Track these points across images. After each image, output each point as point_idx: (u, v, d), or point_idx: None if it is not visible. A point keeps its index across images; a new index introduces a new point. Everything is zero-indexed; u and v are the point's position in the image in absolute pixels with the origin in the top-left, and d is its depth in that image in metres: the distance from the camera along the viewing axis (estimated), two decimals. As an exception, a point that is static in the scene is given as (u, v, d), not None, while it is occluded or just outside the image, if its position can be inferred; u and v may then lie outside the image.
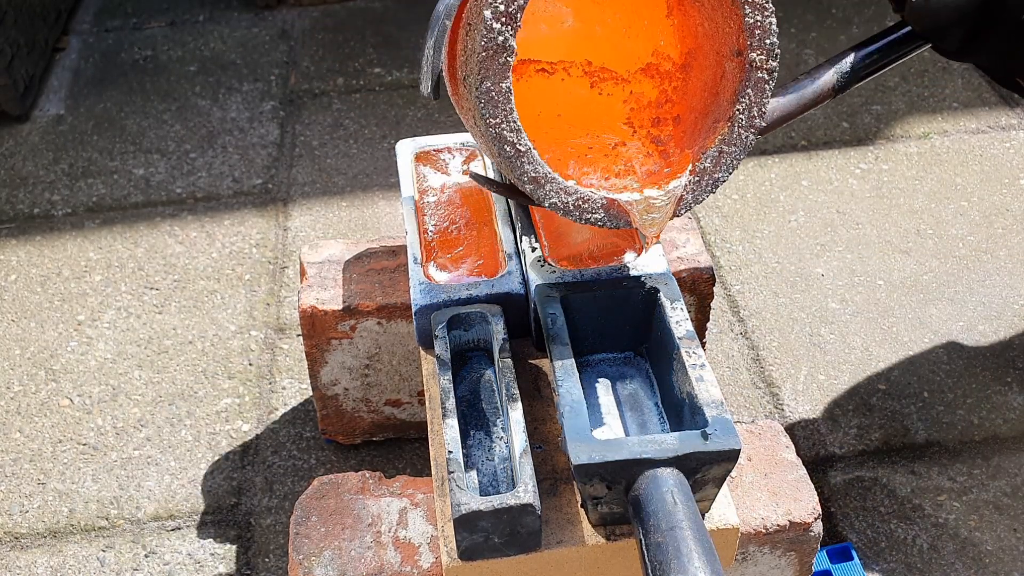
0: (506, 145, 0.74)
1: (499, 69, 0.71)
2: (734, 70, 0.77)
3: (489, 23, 0.69)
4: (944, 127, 1.72)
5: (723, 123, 0.79)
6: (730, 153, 0.79)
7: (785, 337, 1.35)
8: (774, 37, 0.75)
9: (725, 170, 0.80)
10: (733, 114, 0.78)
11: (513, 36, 0.70)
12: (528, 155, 0.74)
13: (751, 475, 0.87)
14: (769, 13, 0.74)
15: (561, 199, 0.77)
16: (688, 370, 0.77)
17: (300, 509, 0.86)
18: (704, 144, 0.79)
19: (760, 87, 0.77)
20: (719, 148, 0.79)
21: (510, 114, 0.73)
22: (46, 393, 1.29)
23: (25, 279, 1.47)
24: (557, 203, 0.77)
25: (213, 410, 1.27)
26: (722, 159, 0.79)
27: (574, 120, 0.85)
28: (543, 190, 0.76)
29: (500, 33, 0.70)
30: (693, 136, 0.81)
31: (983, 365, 1.30)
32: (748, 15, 0.74)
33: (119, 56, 1.98)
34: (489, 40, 0.70)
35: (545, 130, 0.83)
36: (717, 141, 0.79)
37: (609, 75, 0.86)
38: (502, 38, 0.70)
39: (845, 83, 0.86)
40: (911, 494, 1.15)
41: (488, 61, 0.70)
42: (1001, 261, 1.45)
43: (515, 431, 0.76)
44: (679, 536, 0.66)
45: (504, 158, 0.74)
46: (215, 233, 1.54)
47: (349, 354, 1.10)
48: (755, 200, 1.58)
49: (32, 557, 1.11)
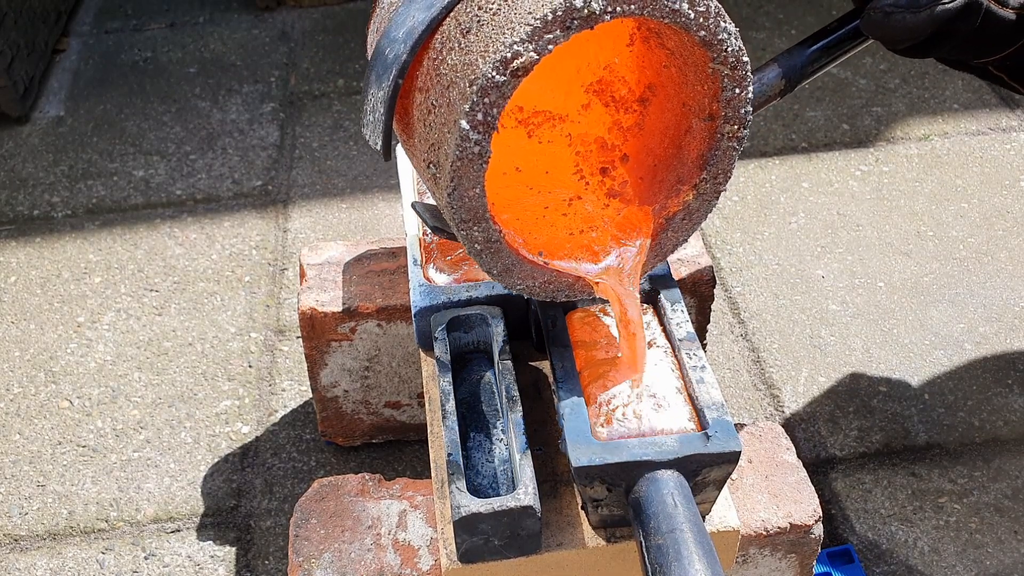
0: (476, 243, 0.71)
1: (473, 175, 0.66)
2: (703, 132, 0.73)
3: (466, 133, 0.63)
4: (945, 129, 1.72)
5: (688, 189, 0.75)
6: (693, 218, 0.77)
7: (786, 339, 1.35)
8: (748, 106, 0.71)
9: (686, 235, 0.77)
10: (699, 182, 0.75)
11: (489, 142, 0.64)
12: (497, 248, 0.72)
13: (752, 477, 0.86)
14: (747, 84, 0.70)
15: (528, 283, 0.75)
16: (688, 372, 0.77)
17: (300, 511, 0.86)
18: (666, 205, 0.76)
19: (728, 155, 0.74)
20: (684, 214, 0.76)
21: (483, 218, 0.69)
22: (46, 395, 1.29)
23: (25, 281, 1.47)
24: (525, 287, 0.75)
25: (213, 412, 1.26)
26: (684, 224, 0.77)
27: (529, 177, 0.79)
28: (512, 278, 0.74)
29: (477, 143, 0.64)
30: (652, 188, 0.77)
31: (984, 367, 1.30)
32: (726, 88, 0.70)
33: (119, 58, 1.98)
34: (464, 150, 0.64)
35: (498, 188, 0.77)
36: (682, 207, 0.76)
37: (543, 117, 0.78)
38: (478, 148, 0.64)
39: (793, 83, 0.83)
40: (912, 496, 1.15)
41: (462, 169, 0.65)
42: (1002, 263, 1.45)
43: (515, 433, 0.75)
44: (679, 538, 0.66)
45: (476, 254, 0.71)
46: (215, 235, 1.54)
47: (349, 356, 1.10)
48: (755, 202, 1.58)
49: (31, 559, 1.11)
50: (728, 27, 0.66)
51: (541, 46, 0.62)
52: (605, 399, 0.75)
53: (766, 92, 0.83)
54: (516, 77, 0.62)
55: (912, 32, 0.77)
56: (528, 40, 0.61)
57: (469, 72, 0.63)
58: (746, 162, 1.66)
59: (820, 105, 1.77)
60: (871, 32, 0.80)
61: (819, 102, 1.78)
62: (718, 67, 0.68)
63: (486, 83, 0.62)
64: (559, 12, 0.61)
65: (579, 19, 0.62)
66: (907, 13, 0.76)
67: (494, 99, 0.63)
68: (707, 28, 0.66)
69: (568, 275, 0.76)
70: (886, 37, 0.79)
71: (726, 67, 0.68)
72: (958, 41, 0.79)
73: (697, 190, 0.75)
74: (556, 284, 0.77)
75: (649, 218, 0.77)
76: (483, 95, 0.62)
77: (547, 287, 0.77)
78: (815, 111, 1.76)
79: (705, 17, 0.65)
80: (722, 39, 0.67)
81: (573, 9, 0.61)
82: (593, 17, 0.62)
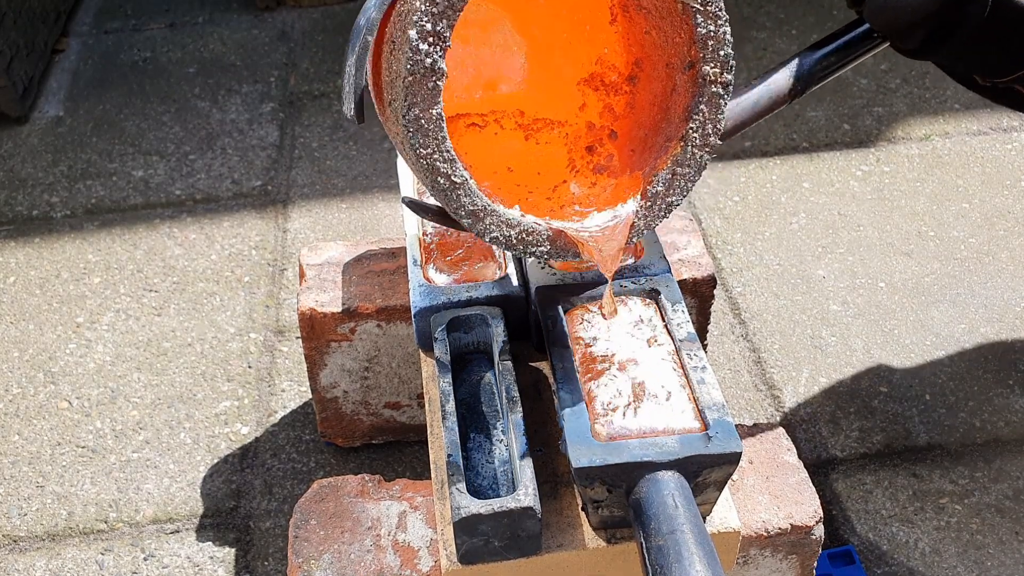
0: (439, 177, 0.68)
1: (428, 94, 0.64)
2: (686, 84, 0.72)
3: (415, 44, 0.63)
4: (945, 129, 1.72)
5: (675, 142, 0.73)
6: (684, 175, 0.74)
7: (786, 339, 1.35)
8: (728, 48, 0.70)
9: (679, 193, 0.74)
10: (686, 133, 0.72)
11: (442, 57, 0.64)
12: (464, 187, 0.69)
13: (752, 478, 0.86)
14: (723, 22, 0.69)
15: (503, 232, 0.71)
16: (689, 372, 0.77)
17: (299, 512, 0.85)
18: (655, 165, 0.74)
19: (714, 102, 0.72)
20: (672, 170, 0.74)
21: (442, 143, 0.67)
22: (45, 395, 1.29)
23: (24, 281, 1.47)
24: (499, 237, 0.71)
25: (212, 413, 1.26)
26: (675, 181, 0.74)
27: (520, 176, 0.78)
28: (483, 224, 0.70)
29: (427, 55, 0.63)
30: (643, 155, 0.76)
31: (985, 368, 1.29)
32: (700, 25, 0.69)
33: (118, 58, 1.98)
34: (415, 63, 0.63)
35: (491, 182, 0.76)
36: (670, 163, 0.73)
37: (543, 123, 0.78)
38: (430, 60, 0.63)
39: (802, 88, 0.81)
40: (913, 497, 1.15)
41: (415, 86, 0.64)
42: (1003, 263, 1.45)
43: (515, 434, 0.75)
44: (680, 539, 0.66)
45: (439, 190, 0.68)
46: (214, 235, 1.54)
47: (348, 356, 1.10)
48: (756, 202, 1.58)
49: (31, 560, 1.10)
50: None
51: None
52: (606, 399, 0.75)
53: (775, 94, 0.82)
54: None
55: (914, 16, 0.73)
56: None
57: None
58: (747, 162, 1.66)
59: (821, 105, 1.77)
60: (875, 21, 0.77)
61: (820, 102, 1.78)
62: (687, 2, 0.68)
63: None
64: None
65: None
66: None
67: (442, 8, 0.63)
68: None
69: (548, 228, 0.73)
70: (891, 23, 0.75)
71: (696, 2, 0.68)
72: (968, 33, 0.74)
73: (684, 140, 0.73)
74: (534, 237, 0.72)
75: (639, 181, 0.75)
76: (431, 4, 0.62)
77: (524, 239, 0.72)
78: (816, 111, 1.76)
79: None
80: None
81: None
82: None
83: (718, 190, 1.60)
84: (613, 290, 0.84)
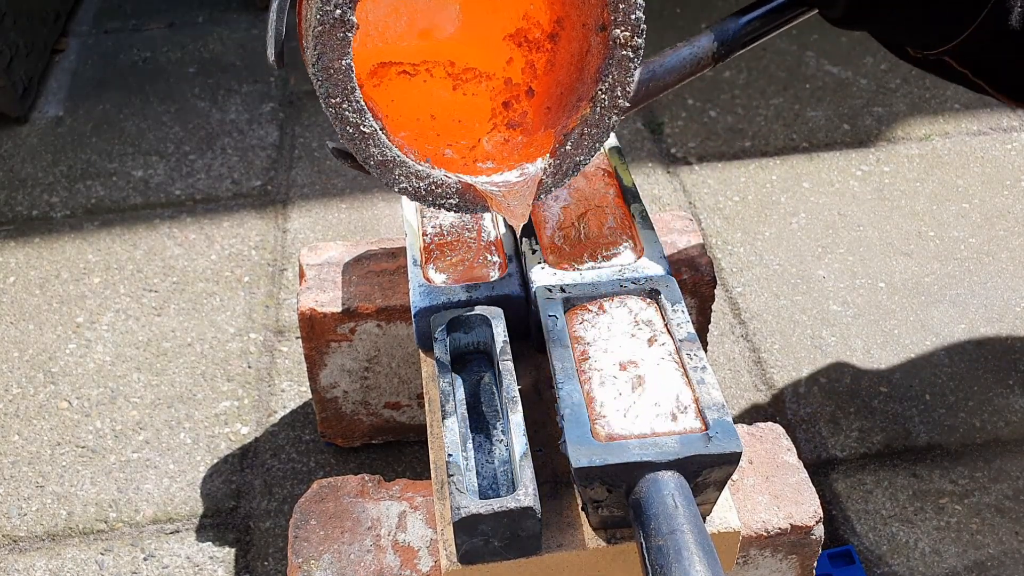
0: (348, 126, 0.69)
1: (337, 45, 0.65)
2: (599, 45, 0.72)
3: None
4: (945, 129, 1.72)
5: (586, 103, 0.74)
6: (592, 135, 0.75)
7: (786, 339, 1.35)
8: (640, 12, 0.71)
9: (586, 152, 0.75)
10: (595, 94, 0.74)
11: (352, 9, 0.64)
12: (373, 137, 0.70)
13: (752, 478, 0.86)
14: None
15: (412, 184, 0.73)
16: (689, 372, 0.77)
17: (299, 512, 0.85)
18: (566, 124, 0.75)
19: (624, 65, 0.72)
20: (580, 129, 0.75)
21: (351, 93, 0.67)
22: (44, 396, 1.29)
23: (24, 281, 1.47)
24: (407, 188, 0.73)
25: (212, 413, 1.26)
26: (583, 141, 0.75)
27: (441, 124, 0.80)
28: (392, 175, 0.72)
29: (337, 6, 0.64)
30: (557, 114, 0.77)
31: (985, 368, 1.29)
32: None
33: (118, 58, 1.98)
34: (324, 14, 0.64)
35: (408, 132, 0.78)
36: (579, 121, 0.74)
37: (472, 74, 0.80)
38: (339, 11, 0.64)
39: (726, 51, 0.82)
40: (913, 497, 1.15)
41: (324, 36, 0.65)
42: (1003, 263, 1.45)
43: (515, 434, 0.75)
44: (680, 539, 0.66)
45: (347, 139, 0.70)
46: (214, 235, 1.54)
47: (348, 357, 1.10)
48: (756, 202, 1.58)
49: (31, 560, 1.10)
50: None
51: None
52: (606, 399, 0.75)
53: (699, 56, 0.82)
54: None
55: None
56: None
57: None
58: (747, 162, 1.66)
59: (821, 105, 1.77)
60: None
61: (820, 102, 1.78)
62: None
63: None
64: None
65: None
66: None
67: None
68: None
69: (457, 181, 0.74)
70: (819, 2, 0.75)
71: None
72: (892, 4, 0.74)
73: (594, 102, 0.74)
74: (443, 190, 0.74)
75: (551, 138, 0.76)
76: None
77: (433, 191, 0.74)
78: (816, 111, 1.76)
79: None
80: None
81: None
82: None
83: (718, 190, 1.60)
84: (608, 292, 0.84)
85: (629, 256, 0.89)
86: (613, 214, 0.94)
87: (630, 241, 0.91)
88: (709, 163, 1.66)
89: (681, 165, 1.66)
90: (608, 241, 0.91)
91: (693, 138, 1.71)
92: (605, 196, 0.97)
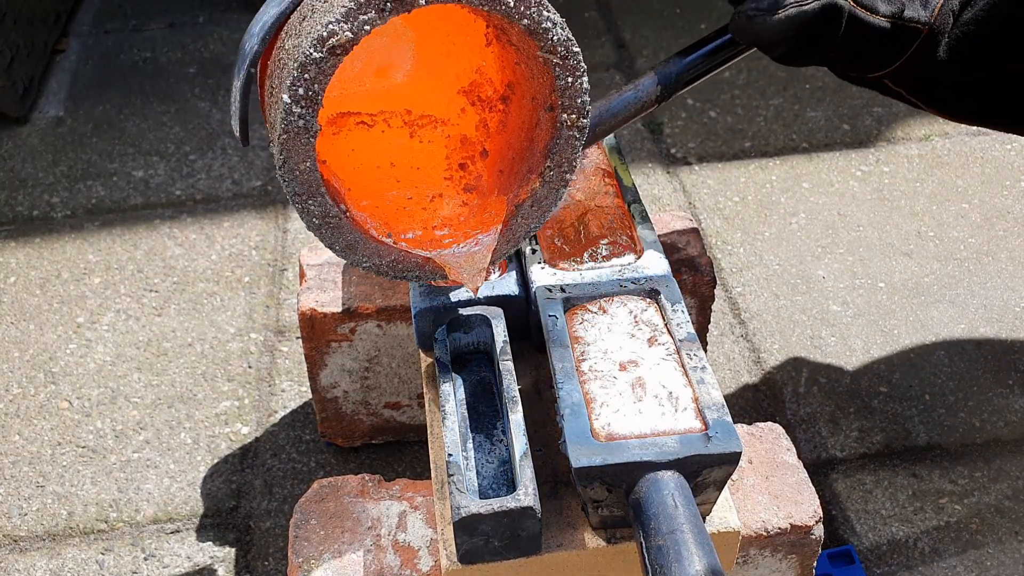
0: (314, 218, 0.72)
1: (302, 149, 0.68)
2: (547, 123, 0.75)
3: (288, 106, 0.66)
4: (945, 129, 1.72)
5: (535, 176, 0.78)
6: (542, 205, 0.79)
7: (786, 339, 1.35)
8: (586, 96, 0.73)
9: (537, 220, 0.80)
10: (544, 170, 0.77)
11: (315, 117, 0.67)
12: (339, 225, 0.73)
13: (752, 478, 0.86)
14: (580, 73, 0.72)
15: (375, 262, 0.77)
16: (689, 372, 0.77)
17: (299, 512, 0.85)
18: (518, 194, 0.79)
19: (571, 144, 0.76)
20: (531, 201, 0.79)
21: (316, 188, 0.70)
22: (45, 395, 1.29)
23: (24, 281, 1.47)
24: (371, 265, 0.77)
25: (212, 413, 1.26)
26: (533, 211, 0.79)
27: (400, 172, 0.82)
28: (357, 255, 0.76)
29: (300, 117, 0.66)
30: (510, 179, 0.80)
31: (984, 368, 1.30)
32: (560, 77, 0.72)
33: (118, 58, 1.98)
34: (289, 123, 0.66)
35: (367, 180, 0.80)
36: (529, 194, 0.78)
37: (428, 120, 0.82)
38: (303, 122, 0.67)
39: (670, 92, 0.84)
40: (912, 497, 1.15)
41: (289, 143, 0.67)
42: (1002, 264, 1.45)
43: (515, 434, 0.75)
44: (680, 539, 0.66)
45: (315, 229, 0.73)
46: (214, 235, 1.54)
47: (348, 357, 1.10)
48: (756, 202, 1.58)
49: (31, 560, 1.11)
50: (551, 16, 0.69)
51: (357, 26, 0.65)
52: (606, 399, 0.75)
53: (642, 99, 0.84)
54: (334, 55, 0.65)
55: (775, 35, 0.77)
56: (343, 20, 0.64)
57: (296, 53, 0.66)
58: (747, 162, 1.66)
59: (821, 105, 1.77)
60: (739, 36, 0.81)
61: (820, 102, 1.78)
62: (547, 56, 0.71)
63: (305, 59, 0.65)
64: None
65: (392, 1, 0.65)
66: (767, 16, 0.76)
67: (314, 75, 0.65)
68: (529, 16, 0.68)
69: (417, 256, 0.78)
70: (753, 42, 0.80)
71: (555, 56, 0.71)
72: (830, 48, 0.79)
73: (543, 177, 0.78)
74: (405, 264, 0.78)
75: (503, 207, 0.79)
76: (303, 71, 0.65)
77: (395, 266, 0.77)
78: (816, 111, 1.76)
79: (526, 5, 0.68)
80: (546, 28, 0.69)
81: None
82: (408, 1, 0.65)
83: (718, 190, 1.60)
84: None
85: (629, 256, 0.89)
86: (613, 214, 0.94)
87: (630, 241, 0.91)
88: (709, 163, 1.66)
89: (681, 165, 1.66)
90: (608, 241, 0.91)
91: (693, 138, 1.71)
92: (605, 196, 0.97)
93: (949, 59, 0.81)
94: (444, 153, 0.83)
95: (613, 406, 0.75)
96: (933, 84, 0.84)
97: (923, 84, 0.85)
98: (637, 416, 0.74)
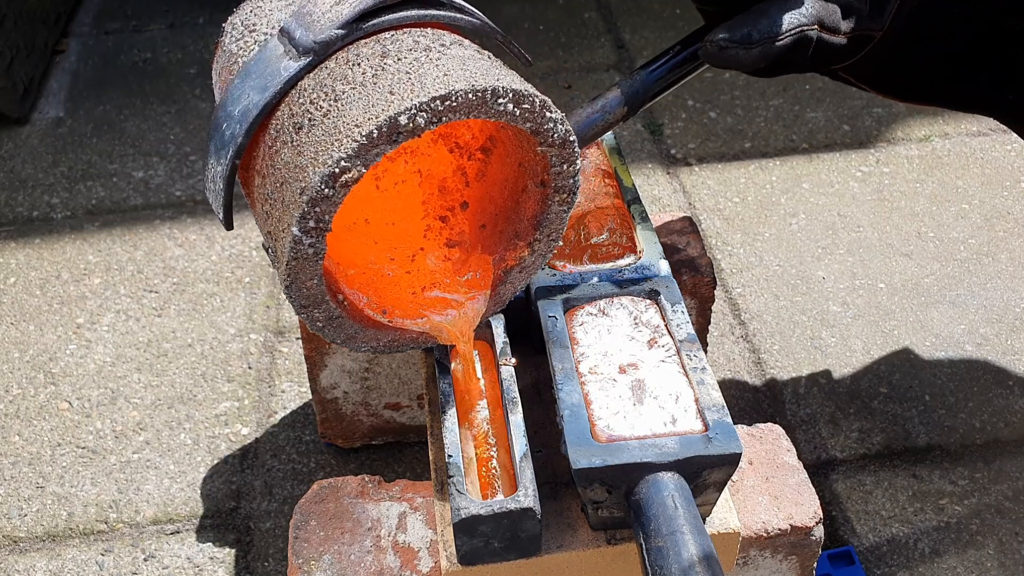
0: (318, 322, 0.73)
1: (310, 269, 0.68)
2: (536, 194, 0.76)
3: (298, 238, 0.65)
4: (945, 130, 1.72)
5: (524, 245, 0.79)
6: (529, 270, 0.81)
7: (786, 340, 1.35)
8: (576, 177, 0.74)
9: (523, 282, 0.81)
10: (532, 241, 0.78)
11: (323, 241, 0.66)
12: (339, 322, 0.74)
13: (752, 479, 0.86)
14: (575, 159, 0.73)
15: (373, 344, 0.78)
16: (689, 373, 0.77)
17: (299, 513, 0.85)
18: (504, 257, 0.79)
19: (560, 217, 0.77)
20: (519, 268, 0.80)
21: (322, 298, 0.71)
22: (45, 396, 1.29)
23: (24, 282, 1.47)
24: (371, 348, 0.78)
25: (212, 414, 1.26)
26: (521, 275, 0.81)
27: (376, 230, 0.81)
28: (357, 343, 0.77)
29: (311, 245, 0.66)
30: (493, 237, 0.80)
31: (984, 368, 1.30)
32: (555, 164, 0.73)
33: (119, 59, 1.98)
34: (298, 252, 0.66)
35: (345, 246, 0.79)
36: (517, 261, 0.79)
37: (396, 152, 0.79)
38: (312, 249, 0.66)
39: (637, 105, 0.84)
40: (913, 498, 1.15)
41: (298, 266, 0.67)
42: (1003, 264, 1.45)
43: (515, 435, 0.75)
44: (680, 540, 0.66)
45: (318, 330, 0.74)
46: (214, 236, 1.54)
47: (348, 358, 1.10)
48: (756, 203, 1.58)
49: (31, 561, 1.10)
50: (553, 116, 0.69)
51: (368, 160, 0.63)
52: (606, 400, 0.75)
53: (607, 118, 0.84)
54: (345, 187, 0.64)
55: (747, 66, 0.79)
56: (355, 156, 0.62)
57: (301, 177, 0.64)
58: (746, 163, 1.66)
59: (821, 106, 1.77)
60: (711, 63, 0.82)
61: (820, 103, 1.78)
62: (546, 149, 0.71)
63: (316, 195, 0.63)
64: (384, 128, 0.62)
65: (404, 132, 0.63)
66: (740, 49, 0.78)
67: (324, 208, 0.64)
68: (533, 120, 0.68)
69: (412, 331, 0.79)
70: (724, 68, 0.82)
71: (554, 148, 0.71)
72: (797, 67, 0.83)
73: (532, 248, 0.79)
74: (401, 341, 0.79)
75: (490, 269, 0.80)
76: (313, 205, 0.64)
77: (392, 345, 0.79)
78: (816, 112, 1.76)
79: (531, 112, 0.68)
80: (548, 128, 0.69)
81: (398, 125, 0.62)
82: (419, 129, 0.63)
83: (718, 191, 1.60)
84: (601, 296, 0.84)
85: (629, 257, 0.89)
86: (613, 215, 0.94)
87: (630, 242, 0.91)
88: (709, 164, 1.66)
89: (681, 166, 1.66)
90: (608, 242, 0.91)
91: (693, 139, 1.71)
92: (605, 197, 0.97)
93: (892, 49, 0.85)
94: (418, 199, 0.81)
95: (613, 407, 0.75)
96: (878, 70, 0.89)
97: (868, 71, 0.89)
98: (637, 417, 0.74)
